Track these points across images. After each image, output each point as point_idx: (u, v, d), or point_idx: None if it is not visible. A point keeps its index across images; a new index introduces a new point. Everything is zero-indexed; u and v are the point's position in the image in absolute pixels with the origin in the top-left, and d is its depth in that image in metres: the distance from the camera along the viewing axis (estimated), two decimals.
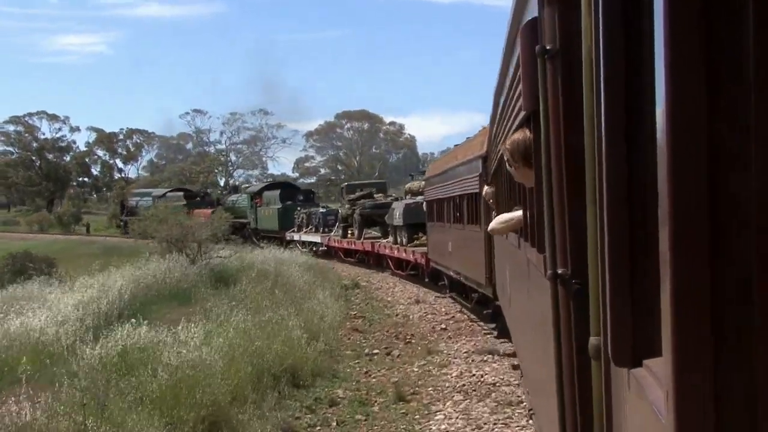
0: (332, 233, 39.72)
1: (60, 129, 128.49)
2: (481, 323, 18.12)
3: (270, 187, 55.07)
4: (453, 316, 20.04)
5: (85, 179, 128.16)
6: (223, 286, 21.66)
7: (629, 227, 2.08)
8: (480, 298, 17.74)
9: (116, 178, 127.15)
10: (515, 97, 4.82)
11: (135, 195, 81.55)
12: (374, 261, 33.32)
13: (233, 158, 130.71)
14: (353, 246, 35.67)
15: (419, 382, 13.52)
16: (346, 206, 37.99)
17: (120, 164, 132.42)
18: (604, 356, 2.42)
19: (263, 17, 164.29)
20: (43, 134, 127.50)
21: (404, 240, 27.99)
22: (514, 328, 8.92)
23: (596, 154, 2.31)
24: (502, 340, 15.51)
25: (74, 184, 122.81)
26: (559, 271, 3.26)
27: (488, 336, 16.68)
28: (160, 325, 14.32)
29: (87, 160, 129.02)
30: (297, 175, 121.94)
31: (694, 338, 1.47)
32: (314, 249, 42.72)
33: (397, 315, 21.12)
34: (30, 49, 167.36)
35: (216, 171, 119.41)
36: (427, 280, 25.58)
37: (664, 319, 1.55)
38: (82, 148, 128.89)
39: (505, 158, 4.74)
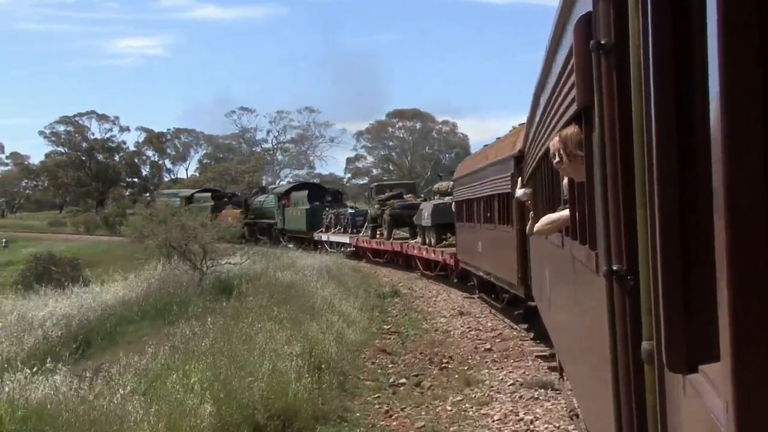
0: (361, 234, 39.74)
1: (110, 129, 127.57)
2: (534, 343, 16.05)
3: (298, 187, 55.15)
4: (500, 333, 17.51)
5: (135, 179, 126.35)
6: (228, 298, 19.65)
7: (682, 227, 2.04)
8: (511, 298, 17.66)
9: (165, 179, 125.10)
10: (563, 94, 4.78)
11: (162, 196, 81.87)
12: (403, 261, 33.28)
13: (280, 157, 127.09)
14: (382, 246, 35.67)
15: (451, 429, 10.87)
16: (376, 206, 37.98)
17: (168, 164, 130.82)
18: (657, 361, 2.36)
19: (319, 18, 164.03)
20: (93, 134, 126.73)
21: (432, 240, 27.94)
22: (555, 328, 8.85)
23: (646, 150, 2.28)
24: (537, 341, 15.42)
25: (123, 184, 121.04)
26: (614, 268, 3.22)
27: (539, 361, 14.29)
28: (119, 353, 12.51)
29: (136, 160, 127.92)
30: (350, 175, 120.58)
31: (755, 343, 1.40)
32: (342, 249, 42.76)
33: (436, 330, 18.50)
34: (90, 53, 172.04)
35: (262, 170, 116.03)
36: (455, 280, 25.53)
37: (722, 323, 1.48)
38: (132, 148, 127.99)
39: (555, 154, 4.70)
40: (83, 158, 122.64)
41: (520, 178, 13.52)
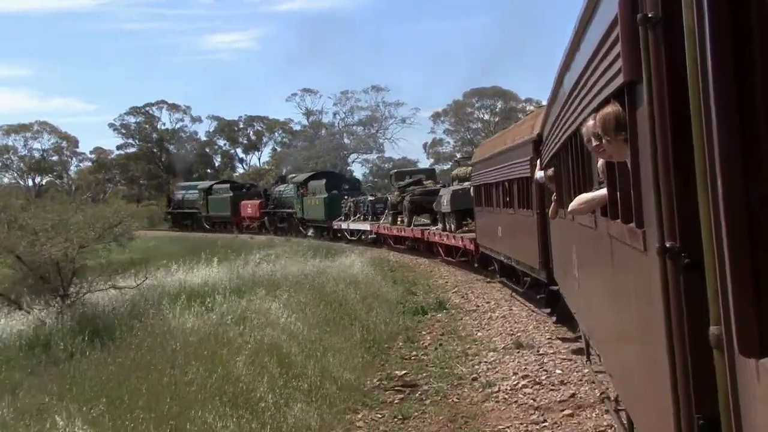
0: (381, 221, 39.74)
1: (181, 119, 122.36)
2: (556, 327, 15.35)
3: (316, 176, 55.28)
4: (572, 395, 10.84)
5: (207, 170, 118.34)
6: (104, 345, 13.96)
7: (747, 203, 1.97)
8: (532, 282, 17.60)
9: (239, 169, 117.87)
10: (599, 71, 4.69)
11: (181, 188, 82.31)
12: (425, 248, 33.26)
13: (346, 141, 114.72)
14: (403, 233, 35.67)
15: None
16: (396, 193, 37.96)
17: (241, 153, 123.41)
18: (727, 346, 2.27)
19: (407, 6, 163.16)
20: (164, 125, 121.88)
21: (452, 227, 27.89)
22: (584, 311, 8.78)
23: (705, 130, 2.20)
24: (560, 325, 15.34)
25: (195, 176, 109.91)
26: (668, 245, 3.16)
27: None
28: None
29: (207, 150, 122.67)
30: (432, 160, 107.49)
31: None
32: (362, 237, 42.82)
33: (474, 379, 12.30)
34: (183, 49, 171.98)
35: (327, 156, 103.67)
36: (476, 265, 25.50)
37: None
38: (204, 138, 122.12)
39: (591, 134, 4.62)
40: (154, 150, 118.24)
41: (538, 161, 13.44)
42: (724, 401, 2.43)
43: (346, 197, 47.66)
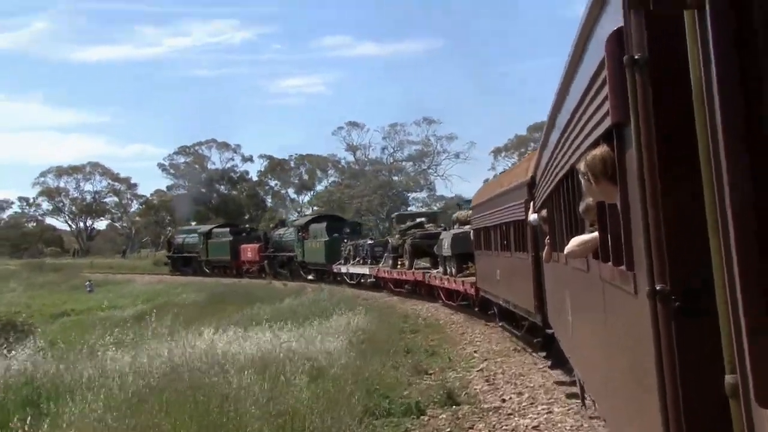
0: (380, 264, 39.65)
1: (231, 158, 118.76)
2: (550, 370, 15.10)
3: (317, 219, 55.38)
4: None
5: (258, 212, 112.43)
6: None
7: (762, 250, 1.93)
8: (530, 326, 17.50)
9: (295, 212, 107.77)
10: (588, 114, 4.68)
11: (182, 232, 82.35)
12: (425, 292, 33.13)
13: (395, 179, 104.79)
14: (403, 276, 35.54)
15: None
16: (396, 236, 37.92)
17: (292, 193, 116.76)
18: (743, 394, 2.20)
19: (478, 48, 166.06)
20: (213, 164, 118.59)
21: (453, 270, 27.80)
22: (578, 355, 8.70)
23: (714, 167, 2.16)
24: (554, 369, 15.23)
25: (246, 217, 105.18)
26: (657, 288, 3.12)
27: None
28: None
29: (258, 190, 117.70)
30: None
31: None
32: (361, 281, 42.71)
33: None
34: (257, 93, 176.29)
35: (374, 194, 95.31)
36: (476, 309, 25.36)
37: None
38: (255, 178, 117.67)
39: (581, 174, 4.59)
40: (203, 190, 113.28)
41: (532, 203, 13.43)
42: None
43: (345, 240, 47.64)
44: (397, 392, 13.77)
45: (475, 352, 18.76)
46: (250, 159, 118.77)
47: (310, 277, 51.68)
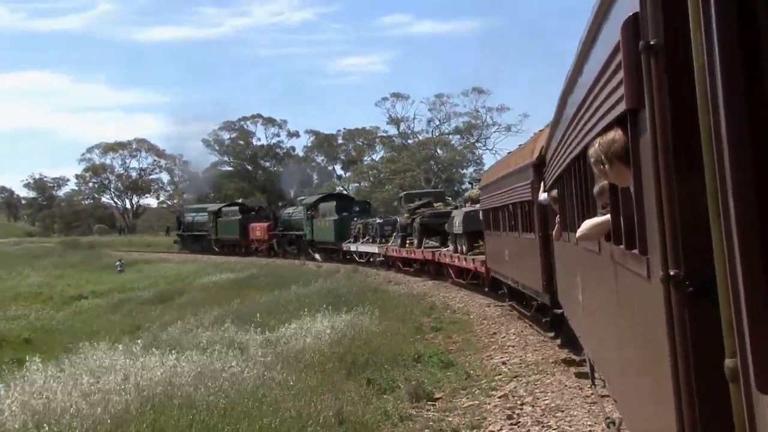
0: (389, 243, 39.71)
1: (277, 134, 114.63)
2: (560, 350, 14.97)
3: (326, 198, 55.41)
4: None
5: (304, 189, 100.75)
6: None
7: (763, 234, 1.95)
8: (539, 306, 17.54)
9: (338, 188, 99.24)
10: (601, 97, 4.68)
11: (191, 210, 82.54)
12: (434, 270, 33.15)
13: (439, 152, 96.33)
14: (412, 255, 35.57)
15: None
16: (405, 215, 37.93)
17: (339, 170, 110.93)
18: (744, 380, 2.21)
19: (538, 24, 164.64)
20: (259, 140, 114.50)
21: (464, 248, 27.82)
22: (589, 337, 8.73)
23: (717, 160, 2.17)
24: (563, 348, 15.27)
25: (292, 194, 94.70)
26: (672, 273, 3.13)
27: None
28: None
29: (304, 165, 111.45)
30: None
31: None
32: (371, 259, 42.81)
33: None
34: (315, 72, 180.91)
35: (418, 168, 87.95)
36: (486, 289, 25.39)
37: None
38: (301, 154, 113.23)
39: (594, 159, 4.60)
40: (248, 167, 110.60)
41: (543, 182, 13.41)
42: None
43: (355, 219, 47.71)
44: None
45: (503, 363, 14.59)
46: (296, 134, 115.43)
47: (317, 256, 51.79)
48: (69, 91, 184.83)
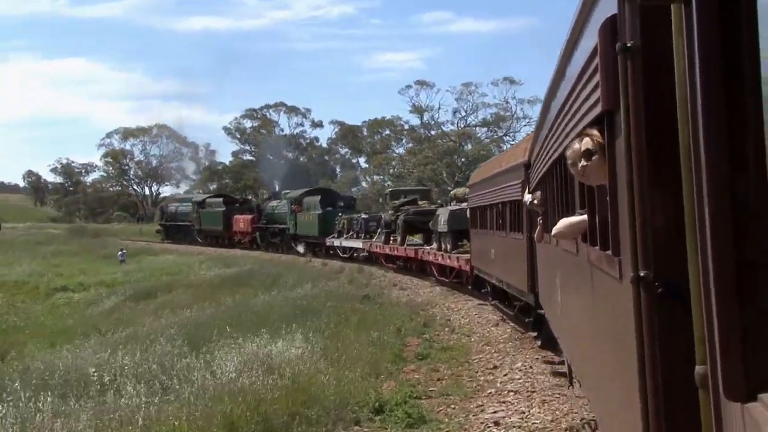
0: (374, 239, 39.72)
1: (300, 124, 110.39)
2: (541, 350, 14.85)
3: (310, 192, 55.33)
4: None
5: (326, 180, 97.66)
6: None
7: (735, 236, 1.95)
8: (522, 306, 17.58)
9: (362, 180, 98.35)
10: (581, 98, 4.70)
11: (174, 201, 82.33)
12: (417, 267, 33.18)
13: (467, 147, 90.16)
14: (395, 252, 35.60)
15: None
16: (390, 212, 37.96)
17: (363, 162, 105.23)
18: (712, 385, 2.21)
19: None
20: (282, 130, 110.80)
21: (448, 246, 27.86)
22: (566, 337, 8.76)
23: (693, 156, 2.18)
24: (544, 348, 15.32)
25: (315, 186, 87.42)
26: (642, 274, 3.15)
27: None
28: None
29: (327, 158, 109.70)
30: None
31: None
32: (354, 254, 42.78)
33: None
34: (351, 67, 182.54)
35: (439, 162, 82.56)
36: (470, 287, 25.43)
37: None
38: (324, 145, 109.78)
39: (581, 153, 4.58)
40: (269, 157, 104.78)
41: (527, 185, 13.46)
42: None
43: (340, 214, 47.67)
44: None
45: (496, 424, 10.48)
46: (320, 125, 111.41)
47: (300, 249, 51.72)
48: (106, 78, 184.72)
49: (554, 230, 6.30)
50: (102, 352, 16.65)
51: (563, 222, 6.06)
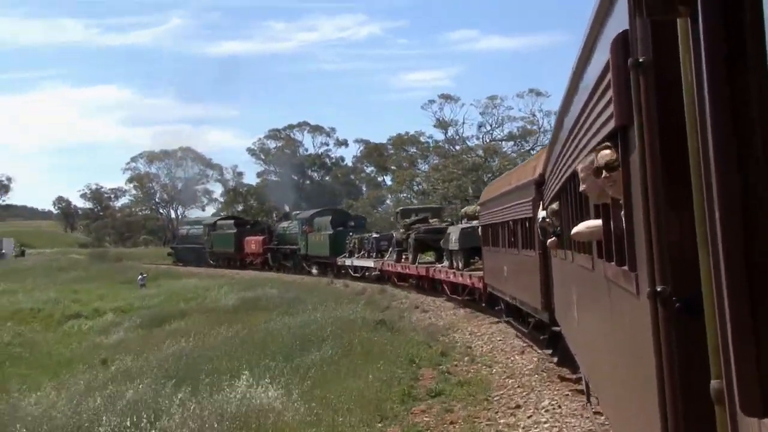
0: (385, 258, 39.69)
1: (325, 143, 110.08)
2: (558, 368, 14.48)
3: (321, 213, 55.37)
4: None
5: (353, 201, 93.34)
6: None
7: (748, 258, 1.93)
8: (537, 323, 17.52)
9: (388, 199, 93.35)
10: (594, 115, 4.71)
11: (186, 223, 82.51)
12: (429, 286, 33.13)
13: (491, 160, 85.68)
14: (407, 270, 35.55)
15: None
16: (401, 231, 37.94)
17: (389, 180, 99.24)
18: (729, 402, 2.19)
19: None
20: (306, 150, 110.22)
21: (460, 264, 27.80)
22: (584, 353, 8.74)
23: (704, 178, 2.18)
24: (561, 366, 15.23)
25: (341, 206, 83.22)
26: (659, 289, 3.15)
27: None
28: None
29: (353, 176, 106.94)
30: None
31: None
32: (366, 274, 42.74)
33: None
34: (380, 87, 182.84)
35: (465, 178, 78.91)
36: (483, 305, 25.34)
37: None
38: (350, 164, 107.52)
39: (601, 166, 4.56)
40: (294, 177, 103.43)
41: (541, 202, 13.46)
42: None
43: (350, 234, 47.66)
44: None
45: None
46: (345, 143, 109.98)
47: (313, 270, 51.70)
48: (135, 104, 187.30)
49: (574, 230, 6.32)
50: (61, 398, 16.02)
51: (583, 224, 6.08)
